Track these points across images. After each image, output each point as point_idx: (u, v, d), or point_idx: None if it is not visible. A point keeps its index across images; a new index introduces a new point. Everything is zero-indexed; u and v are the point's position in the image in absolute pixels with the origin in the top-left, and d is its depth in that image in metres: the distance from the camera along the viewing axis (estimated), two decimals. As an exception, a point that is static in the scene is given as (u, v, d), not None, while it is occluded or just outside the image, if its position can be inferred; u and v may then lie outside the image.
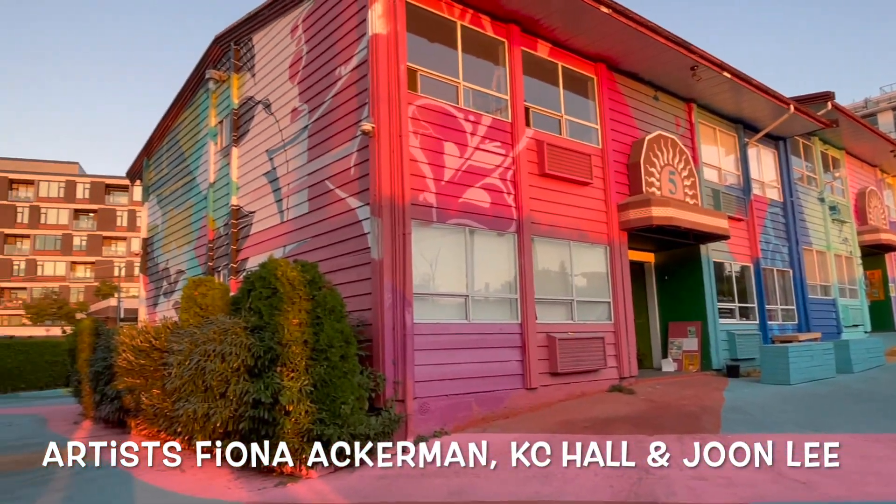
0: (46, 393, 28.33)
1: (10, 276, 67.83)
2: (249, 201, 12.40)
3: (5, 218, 68.10)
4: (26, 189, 70.13)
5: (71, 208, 70.76)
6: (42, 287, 67.18)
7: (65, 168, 72.85)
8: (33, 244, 69.08)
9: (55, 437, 11.51)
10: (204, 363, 7.43)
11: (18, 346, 30.17)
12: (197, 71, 14.80)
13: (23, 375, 29.43)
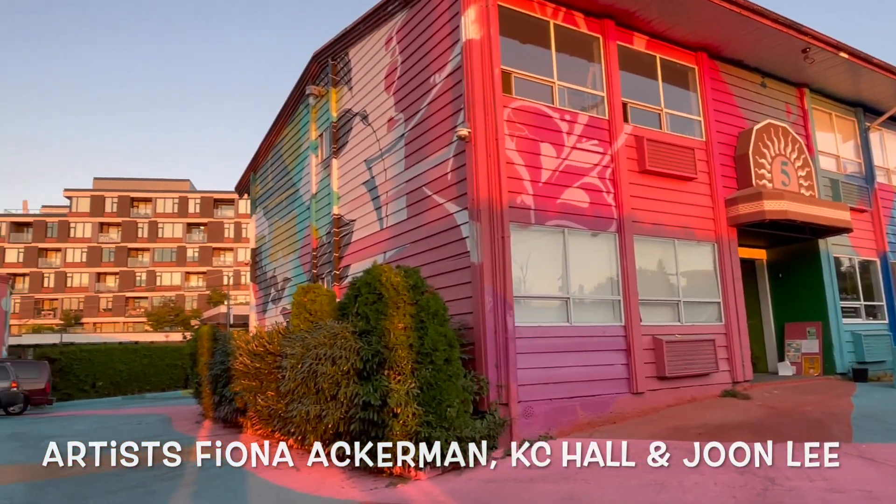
0: (168, 394, 30.68)
1: (133, 286, 73.98)
2: (350, 210, 12.83)
3: (128, 233, 74.42)
4: (145, 206, 76.31)
5: (184, 222, 76.22)
6: (161, 296, 72.78)
7: (178, 185, 78.61)
8: (152, 256, 75.00)
9: (180, 436, 12.41)
10: (316, 366, 7.76)
11: (143, 351, 32.86)
12: (297, 88, 15.51)
13: (147, 378, 32.03)
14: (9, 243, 73.12)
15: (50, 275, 73.20)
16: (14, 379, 19.89)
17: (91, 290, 73.22)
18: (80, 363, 29.08)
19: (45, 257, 73.76)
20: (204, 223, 76.80)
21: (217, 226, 76.94)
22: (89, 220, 74.15)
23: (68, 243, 73.74)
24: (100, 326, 71.06)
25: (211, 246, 76.38)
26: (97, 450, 10.94)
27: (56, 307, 72.34)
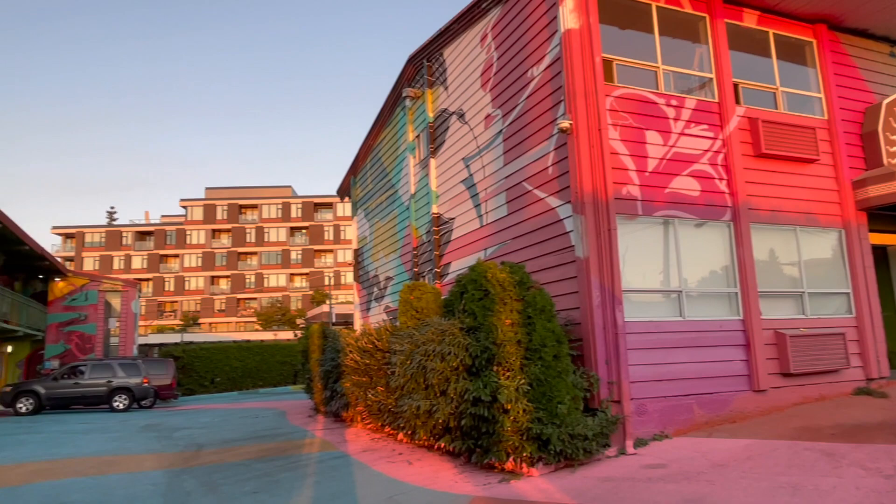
0: (279, 389, 32.39)
1: (243, 288, 78.76)
2: (449, 208, 12.97)
3: (238, 238, 79.29)
4: (252, 212, 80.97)
5: (287, 227, 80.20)
6: (268, 297, 77.02)
7: (281, 192, 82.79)
8: (260, 260, 79.48)
9: (296, 429, 13.06)
10: (425, 362, 7.91)
11: (255, 349, 34.83)
12: (394, 91, 15.88)
13: (260, 374, 33.94)
14: (134, 251, 79.95)
15: (170, 279, 79.33)
16: (145, 375, 21.70)
17: (206, 292, 78.67)
18: (200, 360, 31.27)
19: (165, 263, 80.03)
20: (305, 227, 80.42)
21: (317, 229, 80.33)
22: (203, 228, 79.68)
23: (185, 249, 79.61)
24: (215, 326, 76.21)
25: (312, 248, 79.87)
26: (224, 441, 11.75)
27: (176, 309, 78.30)
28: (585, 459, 7.22)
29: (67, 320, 29.22)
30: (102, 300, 30.04)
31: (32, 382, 21.02)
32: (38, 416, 19.95)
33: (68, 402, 20.74)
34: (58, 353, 28.61)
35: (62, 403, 20.70)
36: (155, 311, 76.42)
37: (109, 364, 21.67)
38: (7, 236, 23.04)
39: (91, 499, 7.14)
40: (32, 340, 29.66)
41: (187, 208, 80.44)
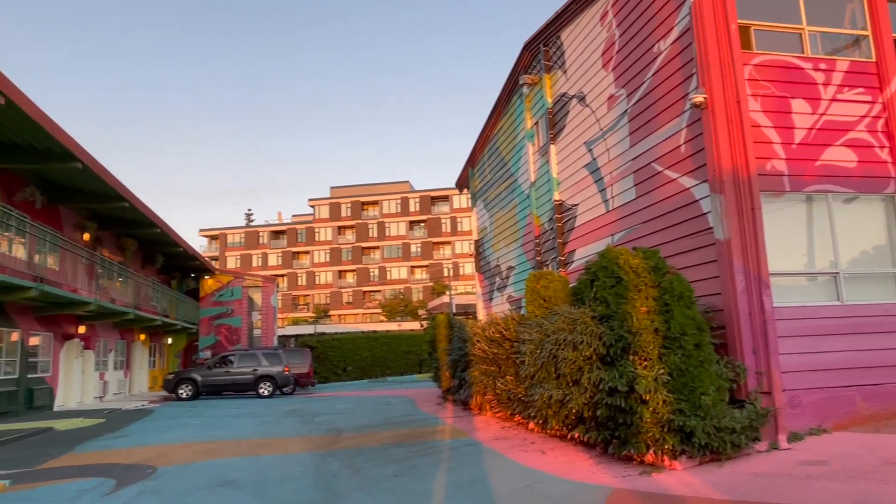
0: (406, 378, 33.51)
1: (367, 281, 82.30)
2: (571, 195, 12.70)
3: (361, 234, 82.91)
4: (373, 209, 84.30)
5: (406, 221, 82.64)
6: (391, 289, 79.89)
7: (399, 187, 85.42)
8: (382, 253, 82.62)
9: (427, 416, 13.43)
10: (556, 351, 7.80)
11: (382, 339, 36.23)
12: (510, 79, 15.77)
13: (387, 363, 35.29)
14: (270, 249, 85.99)
15: (302, 274, 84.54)
16: (286, 364, 23.29)
17: (334, 285, 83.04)
18: (333, 350, 33.09)
19: (297, 259, 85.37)
20: (424, 220, 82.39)
21: (435, 221, 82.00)
22: (329, 225, 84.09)
23: (314, 246, 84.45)
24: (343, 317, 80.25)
25: (431, 241, 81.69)
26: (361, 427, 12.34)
27: (308, 302, 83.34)
28: (733, 454, 6.80)
29: (216, 314, 32.03)
30: (246, 295, 32.62)
31: (190, 371, 23.27)
32: (196, 400, 22.06)
33: (221, 388, 22.75)
34: (209, 344, 31.47)
35: (215, 390, 22.75)
36: (290, 304, 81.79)
37: (254, 354, 23.48)
38: (165, 240, 25.63)
39: (249, 477, 7.76)
40: (188, 333, 32.85)
41: (315, 207, 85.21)
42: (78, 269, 19.51)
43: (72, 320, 19.57)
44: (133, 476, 8.07)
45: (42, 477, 8.23)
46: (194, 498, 6.71)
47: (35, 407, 17.09)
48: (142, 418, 15.91)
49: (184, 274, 34.97)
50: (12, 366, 16.14)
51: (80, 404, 20.10)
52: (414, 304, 70.88)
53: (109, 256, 22.75)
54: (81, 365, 20.65)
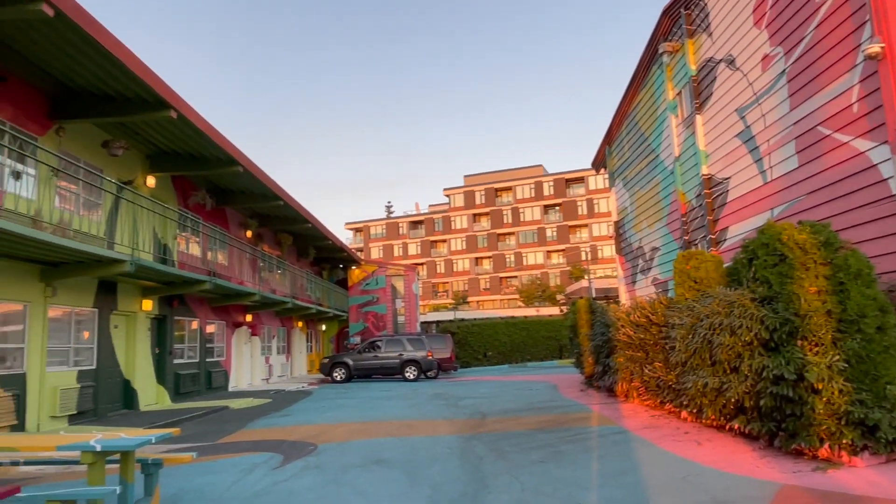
0: (546, 363, 33.26)
1: (503, 267, 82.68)
2: (722, 168, 11.77)
3: (496, 220, 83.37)
4: (507, 194, 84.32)
5: (541, 205, 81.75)
6: (528, 274, 79.61)
7: (532, 171, 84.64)
8: (517, 239, 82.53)
9: (570, 402, 13.22)
10: (710, 336, 7.30)
11: (521, 325, 36.20)
12: (648, 49, 14.92)
13: (527, 348, 35.23)
14: (409, 239, 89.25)
15: (440, 262, 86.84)
16: (429, 349, 24.07)
17: (472, 272, 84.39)
18: (473, 336, 33.64)
19: (435, 248, 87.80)
20: (558, 203, 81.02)
21: (570, 204, 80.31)
22: (464, 213, 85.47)
23: (451, 234, 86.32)
24: (482, 304, 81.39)
25: (567, 224, 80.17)
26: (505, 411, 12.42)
27: (447, 289, 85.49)
28: (930, 452, 5.95)
29: (364, 302, 33.85)
30: (389, 284, 34.13)
31: (343, 355, 24.81)
32: (349, 383, 23.51)
33: (370, 371, 24.04)
34: (358, 330, 33.35)
35: (365, 373, 24.08)
36: (430, 291, 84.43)
37: (400, 339, 24.52)
38: (316, 234, 27.49)
39: (400, 456, 8.10)
40: (339, 320, 35.06)
41: (450, 196, 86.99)
42: (243, 263, 21.55)
43: (240, 310, 21.65)
44: (297, 452, 8.75)
45: (221, 450, 9.18)
46: (351, 475, 7.12)
47: (213, 388, 19.16)
48: (302, 399, 17.24)
49: (333, 265, 37.36)
50: (194, 351, 18.19)
51: (249, 385, 22.23)
52: (551, 289, 70.10)
53: (269, 251, 24.85)
54: (249, 350, 22.81)
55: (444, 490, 6.21)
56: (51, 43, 10.03)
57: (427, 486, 6.39)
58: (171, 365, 16.49)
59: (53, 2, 8.55)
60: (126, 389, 14.40)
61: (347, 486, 6.58)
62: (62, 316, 12.24)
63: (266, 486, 6.73)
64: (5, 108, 10.70)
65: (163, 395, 15.86)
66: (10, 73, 10.78)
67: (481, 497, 5.89)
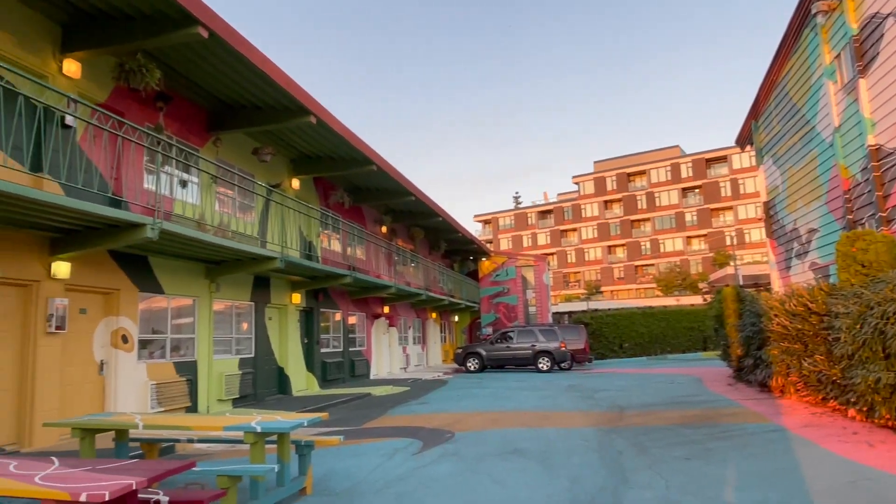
0: (688, 356, 31.52)
1: (639, 255, 79.32)
2: (891, 137, 10.42)
3: (629, 206, 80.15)
4: (641, 179, 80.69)
5: (678, 188, 77.31)
6: (665, 262, 75.77)
7: (668, 153, 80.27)
8: (653, 225, 78.75)
9: (717, 397, 12.44)
10: (883, 327, 6.53)
11: (659, 315, 34.59)
12: (798, 11, 13.53)
13: (666, 339, 33.61)
14: (538, 229, 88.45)
15: (571, 252, 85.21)
16: (562, 340, 23.74)
17: (604, 261, 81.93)
18: (608, 326, 32.68)
19: (565, 237, 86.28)
20: (698, 185, 76.18)
21: (712, 186, 75.20)
22: (595, 200, 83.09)
23: (581, 223, 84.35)
24: (616, 293, 78.77)
25: (708, 207, 75.19)
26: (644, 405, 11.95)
27: (579, 279, 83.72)
28: None
29: (494, 293, 34.11)
30: (519, 275, 34.10)
31: (476, 346, 25.18)
32: (482, 373, 23.83)
33: (502, 362, 24.20)
34: (490, 321, 33.67)
35: (498, 363, 24.27)
36: (561, 281, 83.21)
37: (532, 330, 24.43)
38: (446, 227, 28.11)
39: (536, 447, 8.07)
40: (471, 311, 35.62)
41: (579, 184, 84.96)
42: (379, 257, 22.58)
43: (378, 302, 22.71)
44: (435, 439, 9.03)
45: (365, 435, 9.70)
46: (488, 463, 7.22)
47: (356, 376, 20.29)
48: (438, 388, 17.75)
49: (463, 257, 38.00)
50: (338, 341, 19.37)
51: (388, 374, 23.28)
52: (692, 276, 66.26)
53: (402, 245, 25.80)
54: (388, 340, 23.86)
55: (583, 483, 6.10)
56: (206, 62, 11.10)
57: (565, 478, 6.32)
58: (319, 354, 17.68)
59: (207, 24, 9.45)
60: (280, 376, 15.67)
61: (485, 474, 6.69)
62: (224, 309, 13.55)
63: (407, 470, 7.01)
64: (172, 124, 12.01)
65: (312, 382, 17.06)
66: (174, 93, 12.07)
67: (622, 492, 5.72)
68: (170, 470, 3.92)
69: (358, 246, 21.08)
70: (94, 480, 3.61)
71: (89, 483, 3.54)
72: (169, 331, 11.67)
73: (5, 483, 3.57)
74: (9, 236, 8.41)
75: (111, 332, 10.25)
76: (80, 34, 9.55)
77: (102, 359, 10.13)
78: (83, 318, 9.80)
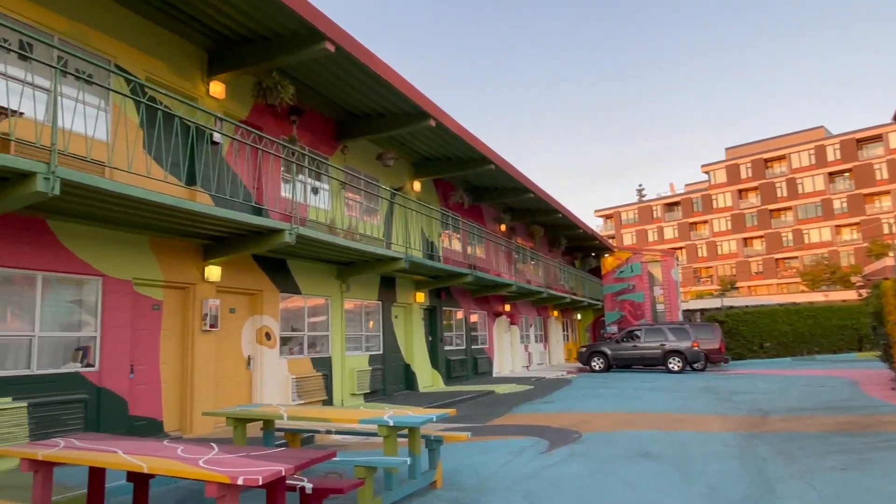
0: (840, 356, 28.65)
1: (779, 247, 73.15)
2: None
3: (767, 195, 74.16)
4: (780, 164, 74.38)
5: (824, 173, 70.43)
6: (810, 254, 69.32)
7: (810, 135, 73.39)
8: (796, 214, 72.31)
9: (878, 403, 11.24)
10: None
11: (805, 312, 31.74)
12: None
13: (814, 338, 30.78)
14: (665, 222, 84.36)
15: (702, 245, 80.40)
16: (694, 339, 22.50)
17: (740, 255, 76.47)
18: (745, 325, 30.46)
19: (695, 230, 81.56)
20: (847, 169, 68.98)
21: (864, 169, 67.77)
22: (727, 190, 77.78)
23: (713, 214, 79.32)
24: (753, 289, 73.31)
25: (861, 193, 67.85)
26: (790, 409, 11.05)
27: (711, 274, 78.82)
28: None
29: (619, 290, 33.01)
30: (645, 271, 32.74)
31: (601, 344, 24.52)
32: (607, 373, 23.17)
33: (629, 362, 23.36)
34: (615, 319, 32.63)
35: (624, 363, 23.47)
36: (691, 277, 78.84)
37: (661, 329, 23.37)
38: (566, 223, 27.65)
39: (669, 451, 7.74)
40: (594, 309, 34.75)
41: (710, 173, 79.96)
42: (499, 256, 22.66)
43: (498, 300, 22.80)
44: (562, 439, 8.93)
45: (491, 432, 9.79)
46: (618, 465, 7.03)
47: (479, 373, 20.51)
48: (562, 387, 17.51)
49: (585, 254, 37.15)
50: (461, 339, 19.69)
51: (511, 372, 23.30)
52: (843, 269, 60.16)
53: (521, 243, 25.70)
54: (509, 338, 23.89)
55: (724, 491, 5.77)
56: (333, 75, 11.73)
57: (702, 485, 6.01)
58: (443, 351, 18.08)
59: (334, 39, 10.00)
60: (407, 372, 16.21)
61: (614, 476, 6.52)
62: (354, 308, 14.25)
63: (535, 469, 7.00)
64: (304, 135, 12.82)
65: (437, 379, 17.48)
66: (306, 106, 12.88)
67: (768, 503, 5.34)
68: (314, 459, 4.20)
69: (478, 245, 21.30)
70: (249, 466, 3.95)
71: (245, 468, 3.89)
72: (305, 328, 12.48)
73: (175, 465, 4.01)
74: (170, 244, 9.41)
75: (256, 330, 11.15)
76: (223, 58, 10.47)
77: (249, 354, 11.03)
78: (232, 317, 10.74)
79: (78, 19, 8.42)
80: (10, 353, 7.36)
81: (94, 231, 8.30)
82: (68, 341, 7.99)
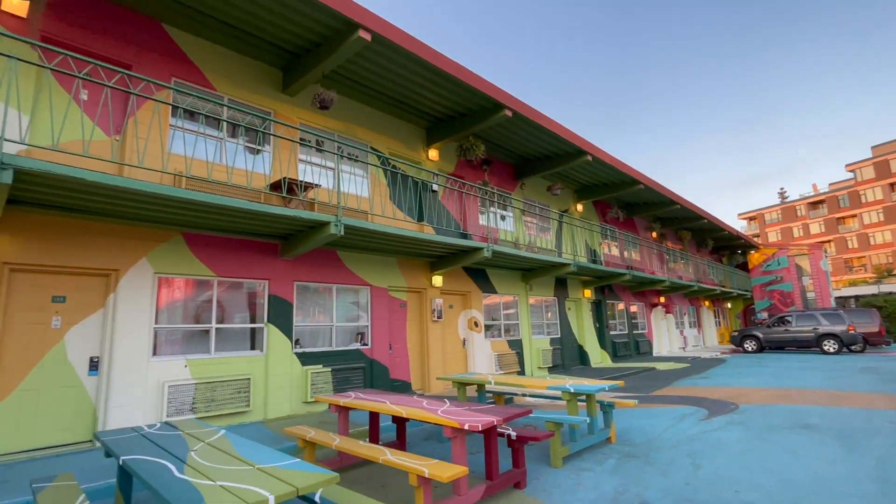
0: None
1: (943, 234, 56.59)
2: None
3: (923, 186, 57.99)
4: (936, 155, 57.80)
5: None
6: (983, 239, 52.36)
7: (973, 123, 55.97)
8: (960, 202, 55.41)
9: None
10: None
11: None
12: None
13: None
14: (810, 219, 70.33)
15: (851, 238, 65.44)
16: (850, 323, 18.37)
17: (894, 244, 60.71)
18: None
19: (843, 224, 66.74)
20: None
21: None
22: (877, 185, 62.47)
23: (861, 209, 64.23)
24: (915, 276, 57.47)
25: None
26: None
27: (864, 263, 63.65)
28: None
29: (767, 282, 28.22)
30: (792, 263, 27.59)
31: (752, 329, 21.16)
32: (759, 354, 19.89)
33: (781, 344, 19.81)
34: (764, 307, 27.93)
35: (776, 345, 19.95)
36: (842, 267, 64.48)
37: (812, 314, 19.49)
38: (711, 227, 24.51)
39: (830, 425, 6.43)
40: (743, 298, 30.13)
41: (856, 171, 65.01)
42: (652, 257, 20.84)
43: (654, 293, 20.92)
44: (719, 409, 7.91)
45: (654, 401, 9.01)
46: (777, 434, 6.03)
47: (640, 353, 18.97)
48: (717, 365, 15.46)
49: (731, 251, 32.51)
50: (623, 325, 18.43)
51: (668, 352, 21.14)
52: None
53: (671, 246, 23.34)
54: (665, 325, 21.74)
55: (893, 464, 4.64)
56: (512, 133, 11.93)
57: (869, 457, 4.90)
58: (609, 335, 17.09)
59: (511, 107, 10.19)
60: (580, 352, 15.61)
61: (774, 443, 5.60)
62: (536, 303, 14.16)
63: (696, 433, 6.30)
64: (493, 178, 13.19)
65: (605, 357, 16.56)
66: (493, 157, 13.26)
67: (946, 479, 4.17)
68: (517, 414, 4.29)
69: (633, 250, 19.84)
70: (471, 416, 4.17)
71: (469, 417, 4.10)
72: (502, 318, 12.72)
73: (423, 413, 4.38)
74: (409, 262, 10.31)
75: (468, 320, 11.65)
76: (436, 132, 11.25)
77: (464, 337, 11.56)
78: (451, 312, 11.37)
79: (347, 121, 9.73)
80: (320, 337, 8.65)
81: (364, 256, 9.44)
82: (351, 328, 9.15)
